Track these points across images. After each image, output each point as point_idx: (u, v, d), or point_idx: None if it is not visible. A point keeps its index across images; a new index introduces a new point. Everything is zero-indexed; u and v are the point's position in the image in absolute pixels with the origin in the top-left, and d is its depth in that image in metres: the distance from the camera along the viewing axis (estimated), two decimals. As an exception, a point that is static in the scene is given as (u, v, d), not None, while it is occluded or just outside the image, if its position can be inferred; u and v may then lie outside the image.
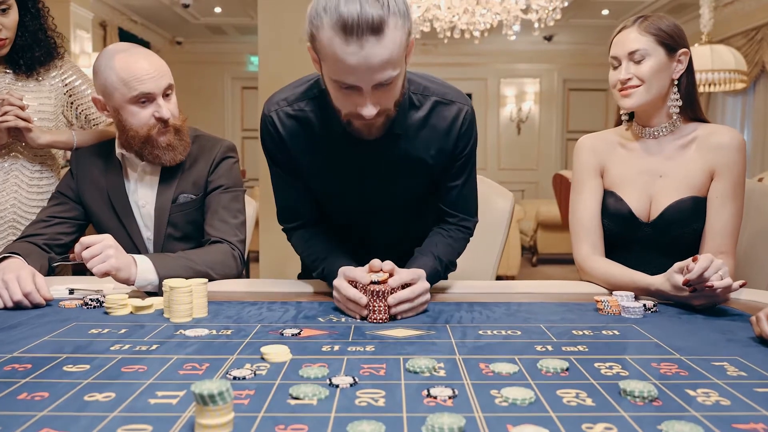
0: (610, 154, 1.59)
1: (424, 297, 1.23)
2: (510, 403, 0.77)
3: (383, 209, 1.48)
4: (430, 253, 1.39)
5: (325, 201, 1.49)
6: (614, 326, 1.16)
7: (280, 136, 1.38)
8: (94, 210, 1.66)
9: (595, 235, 1.56)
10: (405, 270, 1.24)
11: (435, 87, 1.38)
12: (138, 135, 1.56)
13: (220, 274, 1.54)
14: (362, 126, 1.27)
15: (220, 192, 1.66)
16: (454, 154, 1.40)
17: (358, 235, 1.55)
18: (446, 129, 1.38)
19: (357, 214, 1.50)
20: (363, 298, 1.17)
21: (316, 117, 1.36)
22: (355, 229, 1.54)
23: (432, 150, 1.38)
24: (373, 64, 1.11)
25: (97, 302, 1.29)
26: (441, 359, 0.95)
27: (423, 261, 1.37)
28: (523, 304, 1.33)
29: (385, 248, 1.56)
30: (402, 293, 1.19)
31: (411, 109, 1.36)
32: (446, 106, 1.37)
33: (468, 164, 1.44)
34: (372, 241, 1.55)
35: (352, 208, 1.49)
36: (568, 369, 0.90)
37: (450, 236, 1.46)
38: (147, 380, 0.85)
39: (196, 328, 1.12)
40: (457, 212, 1.47)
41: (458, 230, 1.48)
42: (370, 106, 1.18)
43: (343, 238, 1.52)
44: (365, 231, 1.54)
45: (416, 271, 1.24)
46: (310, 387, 0.81)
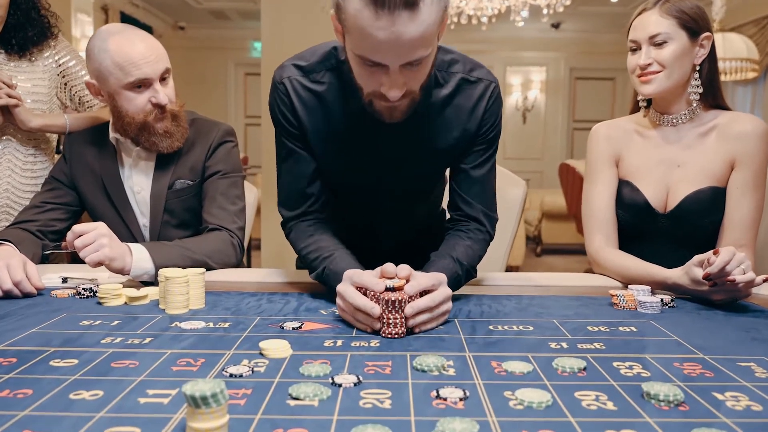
0: (626, 143, 1.53)
1: (446, 305, 1.05)
2: (525, 407, 0.72)
3: (396, 193, 1.38)
4: (448, 256, 1.22)
5: (334, 181, 1.37)
6: (631, 322, 1.10)
7: (292, 106, 1.26)
8: (88, 196, 1.61)
9: (608, 226, 1.51)
10: (423, 274, 1.06)
11: (460, 63, 1.27)
12: (134, 121, 1.50)
13: (219, 263, 1.49)
14: (384, 108, 1.16)
15: (218, 177, 1.60)
16: (477, 134, 1.29)
17: (365, 221, 1.47)
18: (471, 108, 1.27)
19: (367, 198, 1.40)
20: (375, 308, 0.98)
21: (332, 91, 1.25)
22: (362, 215, 1.46)
23: (455, 131, 1.28)
24: (403, 41, 1.01)
25: (90, 292, 1.24)
26: (450, 356, 0.90)
27: (442, 265, 1.19)
28: (534, 298, 1.28)
29: (392, 237, 1.51)
30: (421, 302, 1.00)
31: (435, 88, 1.25)
32: (472, 84, 1.26)
33: (491, 148, 1.32)
34: (379, 228, 1.47)
35: (363, 191, 1.38)
36: (585, 368, 0.85)
37: (469, 237, 1.30)
38: (138, 377, 0.80)
39: (192, 321, 1.07)
40: (479, 204, 1.32)
41: (477, 230, 1.32)
42: (397, 86, 1.08)
43: (348, 224, 1.45)
44: (373, 217, 1.46)
45: (436, 276, 1.06)
46: (311, 387, 0.76)
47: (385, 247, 1.52)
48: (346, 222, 1.46)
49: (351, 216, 1.47)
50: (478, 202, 1.33)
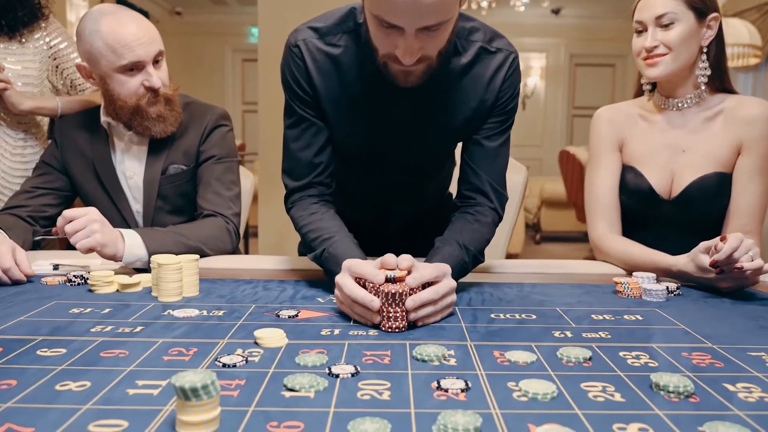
0: (630, 127, 1.49)
1: (450, 298, 1.00)
2: (530, 398, 0.69)
3: (407, 166, 1.34)
4: (454, 242, 1.16)
5: (346, 150, 1.31)
6: (636, 310, 1.07)
7: (306, 70, 1.21)
8: (80, 181, 1.57)
9: (612, 212, 1.47)
10: (426, 265, 1.00)
11: (481, 32, 1.22)
12: (126, 105, 1.47)
13: (214, 250, 1.46)
14: (399, 72, 1.11)
15: (213, 162, 1.57)
16: (495, 105, 1.24)
17: (375, 198, 1.42)
18: (489, 79, 1.22)
19: (378, 171, 1.35)
20: (375, 301, 0.93)
21: (348, 54, 1.20)
22: (372, 190, 1.41)
23: (472, 102, 1.23)
24: (422, 4, 0.97)
25: (81, 279, 1.21)
26: (451, 346, 0.87)
27: (447, 252, 1.14)
28: (536, 286, 1.25)
29: (401, 215, 1.48)
30: (423, 294, 0.95)
31: (453, 56, 1.20)
32: (492, 54, 1.21)
33: (507, 122, 1.27)
34: (388, 206, 1.43)
35: (375, 161, 1.32)
36: (591, 358, 0.82)
37: (477, 220, 1.24)
38: (127, 367, 0.77)
39: (185, 308, 1.04)
40: (488, 177, 1.26)
41: (485, 210, 1.26)
42: (411, 51, 1.03)
43: (357, 201, 1.42)
44: (383, 193, 1.41)
45: (440, 267, 1.00)
46: (306, 377, 0.73)
47: (393, 226, 1.49)
48: (355, 198, 1.43)
49: (361, 191, 1.43)
50: (488, 175, 1.27)
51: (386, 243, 1.45)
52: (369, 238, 1.23)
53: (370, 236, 1.38)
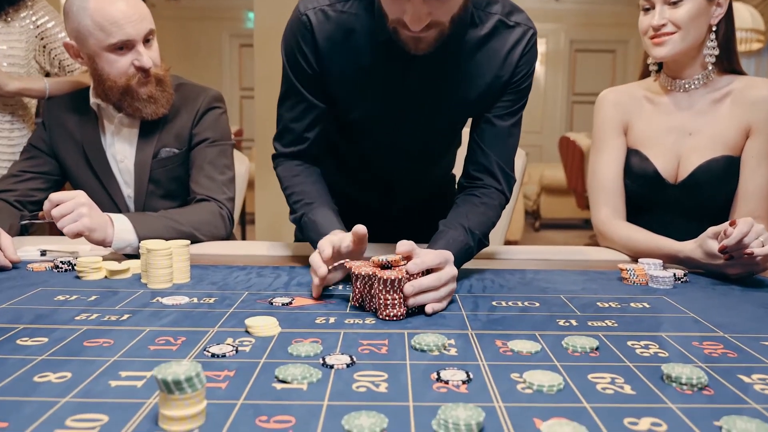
0: (635, 110, 1.45)
1: (451, 285, 0.96)
2: (535, 390, 0.66)
3: (414, 143, 1.29)
4: (459, 226, 1.12)
5: (351, 127, 1.28)
6: (643, 298, 1.04)
7: (314, 40, 1.16)
8: (69, 165, 1.53)
9: (616, 197, 1.43)
10: (428, 251, 0.96)
11: (499, 4, 1.17)
12: (116, 85, 1.42)
13: (207, 235, 1.41)
14: (408, 38, 1.05)
15: (206, 146, 1.52)
16: (510, 82, 1.19)
17: (380, 176, 1.37)
18: (506, 54, 1.17)
19: (383, 147, 1.30)
20: (321, 269, 0.97)
21: (360, 22, 1.15)
22: (378, 167, 1.36)
23: (486, 77, 1.18)
24: None
25: (68, 265, 1.17)
26: (451, 335, 0.83)
27: (451, 236, 1.09)
28: (539, 272, 1.21)
29: (405, 195, 1.44)
30: (424, 280, 0.91)
31: (470, 27, 1.15)
32: (510, 29, 1.16)
33: (520, 101, 1.23)
34: (390, 182, 1.39)
35: (380, 138, 1.28)
36: (598, 348, 0.79)
37: (483, 203, 1.19)
38: (111, 357, 0.73)
39: (175, 296, 1.00)
40: (497, 157, 1.22)
41: (492, 192, 1.22)
42: (419, 17, 0.99)
43: (362, 179, 1.39)
44: (389, 171, 1.37)
45: (442, 254, 0.96)
46: (299, 368, 0.69)
47: (396, 208, 1.46)
48: (359, 177, 1.40)
49: (365, 170, 1.39)
50: (497, 155, 1.22)
51: (389, 226, 1.43)
52: (372, 220, 1.19)
53: (373, 219, 1.34)
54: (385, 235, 1.51)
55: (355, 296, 0.95)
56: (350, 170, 1.41)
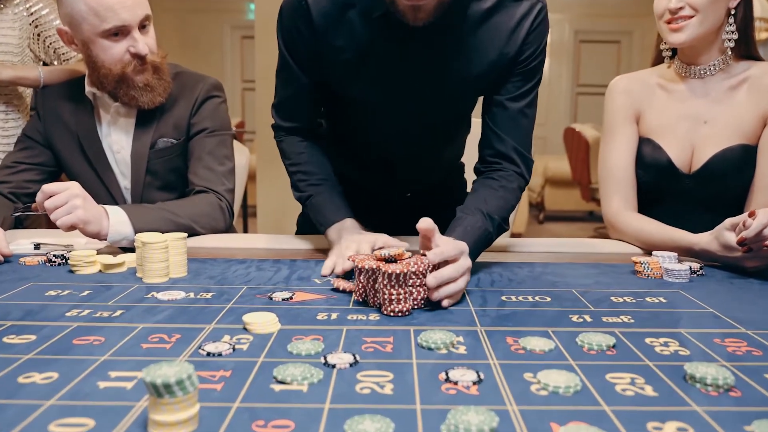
0: (648, 97, 1.40)
1: (467, 277, 0.92)
2: (551, 392, 0.61)
3: (417, 122, 1.23)
4: (477, 212, 1.08)
5: (351, 107, 1.24)
6: (658, 292, 0.99)
7: (309, 17, 1.11)
8: (65, 156, 1.49)
9: (627, 187, 1.39)
10: (447, 240, 0.92)
11: None
12: (111, 73, 1.37)
13: (206, 228, 1.37)
14: (407, 7, 1.00)
15: (205, 136, 1.48)
16: (516, 61, 1.13)
17: (380, 155, 1.32)
18: (512, 29, 1.11)
19: (385, 128, 1.25)
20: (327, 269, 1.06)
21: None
22: (377, 149, 1.32)
23: (491, 54, 1.12)
24: None
25: (61, 258, 1.13)
26: (459, 331, 0.79)
27: (469, 223, 1.06)
28: (549, 265, 1.17)
29: (410, 181, 1.40)
30: (445, 272, 0.87)
31: (472, 0, 1.10)
32: (516, 2, 1.11)
33: (532, 80, 1.16)
34: (393, 165, 1.34)
35: (382, 117, 1.23)
36: (615, 346, 0.74)
37: (501, 186, 1.15)
38: (101, 356, 0.70)
39: (171, 291, 0.96)
40: (512, 141, 1.17)
41: (510, 175, 1.17)
42: None
43: (367, 164, 1.36)
44: (388, 152, 1.31)
45: (459, 245, 0.92)
46: (299, 368, 0.65)
47: (400, 194, 1.43)
48: (361, 161, 1.37)
49: (367, 153, 1.35)
50: (512, 139, 1.17)
51: (393, 216, 1.41)
52: (375, 209, 1.17)
53: (377, 208, 1.35)
54: (390, 225, 1.47)
55: (359, 291, 0.91)
56: (354, 154, 1.37)
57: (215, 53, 8.77)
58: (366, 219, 1.25)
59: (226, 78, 8.78)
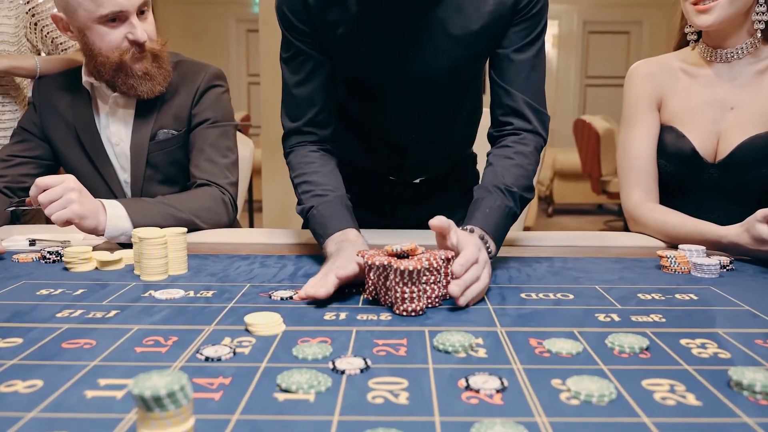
0: (671, 83, 1.33)
1: (488, 271, 0.88)
2: (583, 401, 0.56)
3: (422, 90, 1.17)
4: (494, 189, 1.02)
5: (354, 82, 1.19)
6: (688, 288, 0.93)
7: None
8: (62, 149, 1.43)
9: (648, 178, 1.32)
10: (469, 243, 0.86)
11: None
12: (108, 61, 1.32)
13: (208, 222, 1.32)
14: None
15: (207, 127, 1.42)
16: (516, 9, 1.06)
17: (388, 132, 1.27)
18: None
19: (390, 101, 1.19)
20: (321, 290, 0.82)
21: None
22: (384, 127, 1.26)
23: (489, 4, 1.06)
24: None
25: (56, 255, 1.08)
26: (478, 332, 0.73)
27: (487, 204, 1.01)
28: (568, 260, 1.11)
29: (416, 162, 1.33)
30: (467, 276, 0.82)
31: None
32: None
33: (536, 28, 1.09)
34: (401, 145, 1.28)
35: (386, 96, 1.18)
36: (648, 348, 0.68)
37: (516, 152, 1.08)
38: (90, 361, 0.64)
39: (169, 289, 0.90)
40: (523, 95, 1.11)
41: (525, 137, 1.11)
42: None
43: (368, 141, 1.30)
44: (396, 129, 1.26)
45: (474, 242, 0.88)
46: (305, 375, 0.59)
47: (415, 177, 1.36)
48: (369, 141, 1.30)
49: (374, 130, 1.28)
50: (522, 93, 1.11)
51: (400, 203, 1.38)
52: (383, 197, 1.11)
53: (385, 196, 1.32)
54: (396, 216, 1.42)
55: (369, 288, 0.85)
56: (361, 138, 1.31)
57: (220, 47, 8.71)
58: (373, 208, 1.20)
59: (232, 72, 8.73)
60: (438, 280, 0.81)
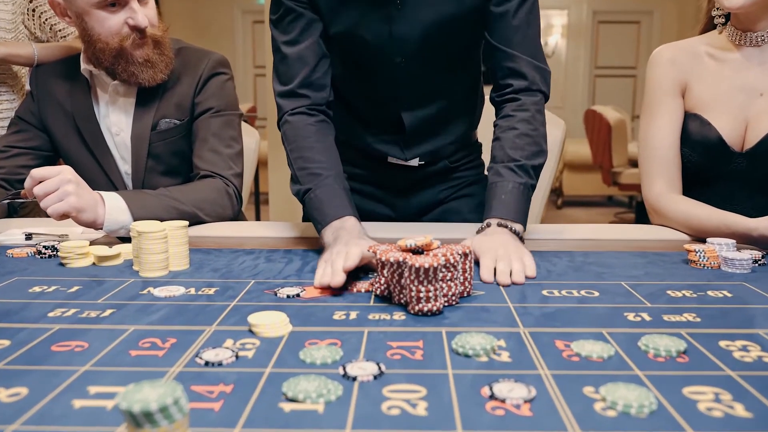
0: (696, 68, 1.26)
1: (518, 251, 0.96)
2: (620, 413, 0.50)
3: (418, 66, 1.17)
4: (506, 170, 1.06)
5: (346, 50, 1.17)
6: (720, 285, 0.87)
7: None
8: (60, 139, 1.39)
9: (672, 168, 1.26)
10: (481, 247, 0.95)
11: None
12: (108, 47, 1.26)
13: (212, 215, 1.27)
14: None
15: (210, 116, 1.37)
16: None
17: (383, 108, 1.24)
18: None
19: (385, 73, 1.18)
20: (338, 276, 0.81)
21: None
22: (380, 99, 1.24)
23: None
24: None
25: (52, 250, 1.03)
26: (499, 334, 0.68)
27: (502, 190, 1.04)
28: (590, 254, 1.05)
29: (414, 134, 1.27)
30: (501, 268, 0.89)
31: None
32: None
33: None
34: (400, 119, 1.24)
35: (380, 63, 1.17)
36: (686, 351, 0.63)
37: (519, 121, 1.10)
38: (81, 366, 0.59)
39: (169, 286, 0.85)
40: (521, 54, 1.12)
41: (526, 99, 1.13)
42: None
43: (365, 115, 1.28)
44: (394, 101, 1.23)
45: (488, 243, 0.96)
46: (313, 382, 0.54)
47: (412, 155, 1.30)
48: (365, 116, 1.28)
49: (377, 107, 1.26)
50: (519, 50, 1.13)
51: (402, 187, 1.36)
52: (384, 180, 1.18)
53: (386, 179, 1.32)
54: (400, 205, 1.37)
55: (381, 286, 0.80)
56: (357, 115, 1.28)
57: (226, 38, 8.65)
58: (374, 196, 1.28)
59: (238, 63, 8.67)
60: (455, 277, 0.76)
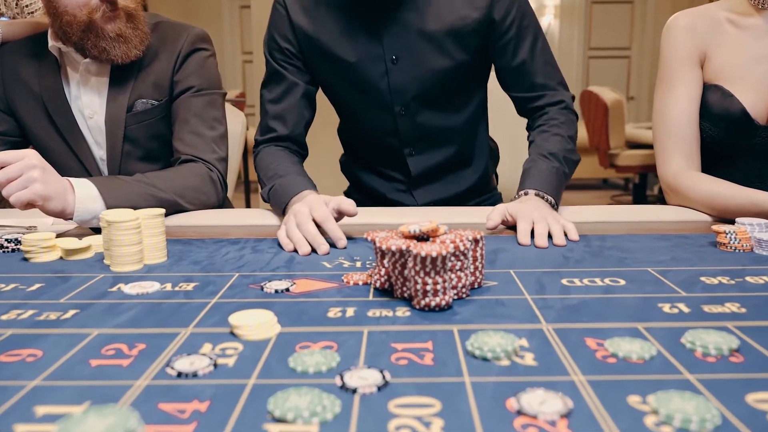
0: (715, 35, 1.17)
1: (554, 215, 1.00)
2: (678, 429, 0.41)
3: (415, 101, 1.23)
4: (539, 157, 1.12)
5: (347, 86, 1.24)
6: (757, 269, 0.79)
7: (288, 16, 1.20)
8: (29, 123, 1.28)
9: (690, 143, 1.17)
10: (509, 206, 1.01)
11: None
12: (75, 20, 1.16)
13: (194, 203, 1.17)
14: None
15: (191, 95, 1.26)
16: (492, 25, 1.16)
17: (386, 127, 1.28)
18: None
19: (384, 100, 1.23)
20: (323, 246, 0.89)
21: None
22: (381, 125, 1.27)
23: (462, 10, 1.15)
24: None
25: (15, 243, 0.93)
26: (520, 332, 0.59)
27: (536, 169, 1.10)
28: (606, 238, 0.96)
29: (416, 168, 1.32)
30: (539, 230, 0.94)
31: None
32: None
33: (522, 25, 1.17)
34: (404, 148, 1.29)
35: (381, 100, 1.23)
36: (739, 349, 0.54)
37: (551, 126, 1.18)
38: (31, 380, 0.50)
39: (142, 282, 0.76)
40: (543, 90, 1.22)
41: (555, 112, 1.21)
42: None
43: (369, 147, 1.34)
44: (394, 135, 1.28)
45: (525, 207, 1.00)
46: (305, 396, 0.45)
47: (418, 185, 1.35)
48: (370, 148, 1.35)
49: (373, 130, 1.30)
50: (543, 87, 1.22)
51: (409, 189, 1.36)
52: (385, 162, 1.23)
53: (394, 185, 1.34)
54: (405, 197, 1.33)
55: (381, 278, 0.71)
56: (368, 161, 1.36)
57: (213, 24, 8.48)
58: None
59: (226, 50, 8.52)
60: (465, 266, 0.67)
